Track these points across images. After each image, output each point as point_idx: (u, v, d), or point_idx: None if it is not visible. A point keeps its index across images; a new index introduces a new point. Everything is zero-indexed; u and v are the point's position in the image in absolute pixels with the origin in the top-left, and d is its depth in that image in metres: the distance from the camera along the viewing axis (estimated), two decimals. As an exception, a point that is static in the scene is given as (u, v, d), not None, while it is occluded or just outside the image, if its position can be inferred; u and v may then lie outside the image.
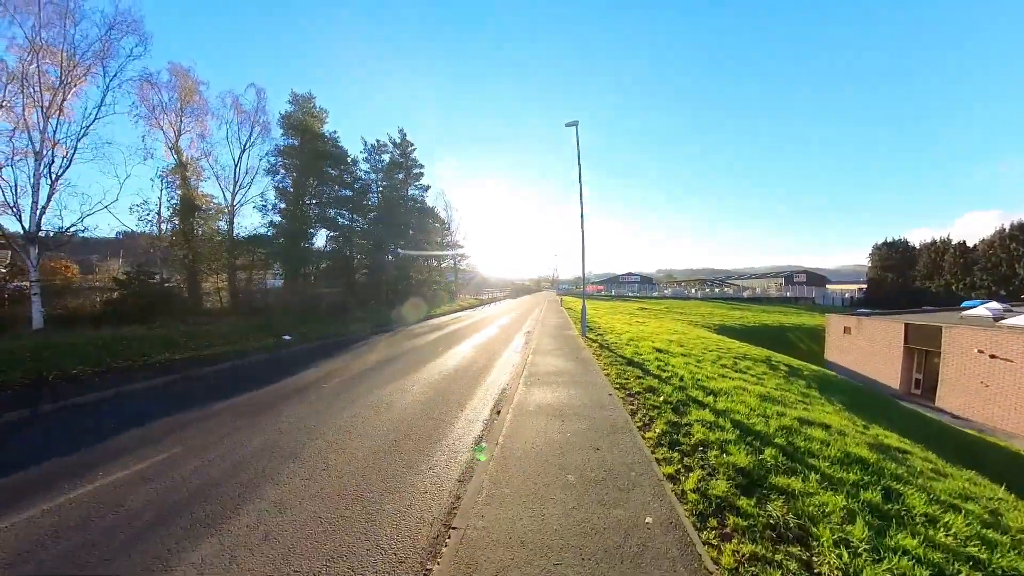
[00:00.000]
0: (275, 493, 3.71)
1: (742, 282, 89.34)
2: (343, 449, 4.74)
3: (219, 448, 4.74)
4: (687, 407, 5.73)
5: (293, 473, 4.09)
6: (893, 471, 4.57)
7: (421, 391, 7.33)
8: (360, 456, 4.55)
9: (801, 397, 8.04)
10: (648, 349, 10.27)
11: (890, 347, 20.20)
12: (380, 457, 4.53)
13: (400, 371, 9.01)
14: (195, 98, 21.55)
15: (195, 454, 4.57)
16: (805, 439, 4.99)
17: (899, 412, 12.46)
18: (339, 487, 3.83)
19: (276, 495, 3.67)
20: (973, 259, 51.23)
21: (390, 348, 12.65)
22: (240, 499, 3.60)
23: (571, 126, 14.05)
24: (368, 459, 4.47)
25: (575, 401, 6.20)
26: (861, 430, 6.39)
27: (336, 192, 27.67)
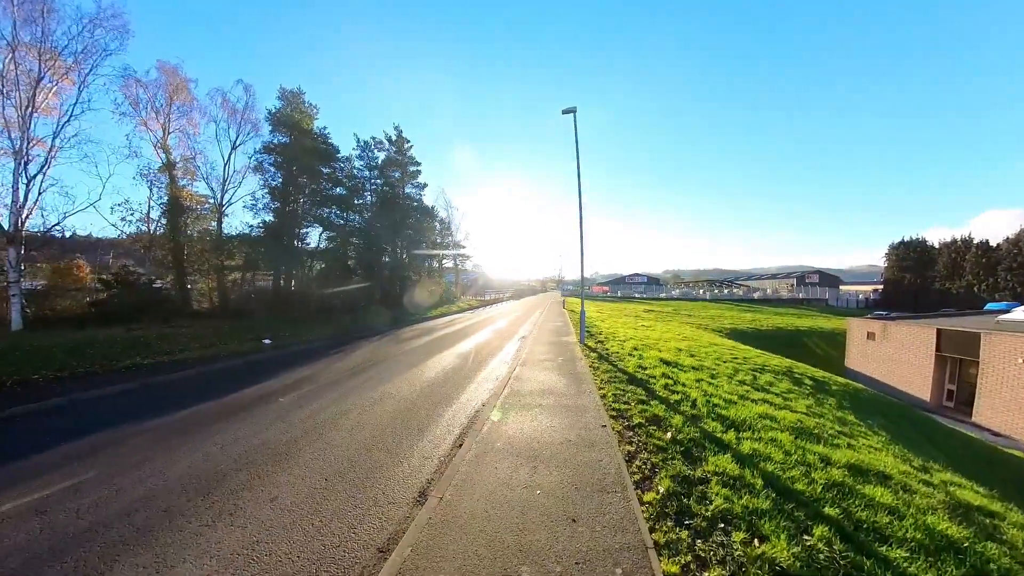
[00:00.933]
0: (162, 545, 3.12)
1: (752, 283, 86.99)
2: (265, 485, 4.00)
3: (133, 475, 4.20)
4: (702, 450, 4.39)
5: (194, 516, 3.48)
6: (995, 557, 3.23)
7: (384, 410, 6.32)
8: (282, 499, 3.75)
9: (838, 425, 6.65)
10: (654, 361, 8.89)
11: (920, 355, 18.59)
12: (302, 504, 3.68)
13: (370, 382, 8.13)
14: (184, 96, 20.89)
15: (105, 482, 4.04)
16: (864, 504, 3.64)
17: (942, 434, 10.96)
18: (234, 545, 3.09)
19: (160, 551, 3.06)
20: (996, 259, 49.26)
21: (371, 354, 11.65)
22: (122, 549, 3.07)
23: (568, 113, 12.79)
24: (289, 505, 3.66)
25: (556, 435, 4.89)
26: (924, 478, 5.00)
27: (328, 190, 26.70)
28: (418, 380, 8.21)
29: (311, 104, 26.01)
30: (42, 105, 15.84)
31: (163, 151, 19.96)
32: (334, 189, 27.22)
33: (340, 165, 27.69)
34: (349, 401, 6.79)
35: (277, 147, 23.46)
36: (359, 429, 5.48)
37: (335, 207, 27.18)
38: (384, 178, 31.80)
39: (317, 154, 25.00)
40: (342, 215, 28.05)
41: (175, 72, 20.53)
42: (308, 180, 25.12)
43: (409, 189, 34.19)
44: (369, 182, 30.81)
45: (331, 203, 26.77)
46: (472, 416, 5.97)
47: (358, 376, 8.70)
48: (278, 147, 23.48)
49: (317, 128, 25.99)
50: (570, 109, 12.73)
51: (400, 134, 33.18)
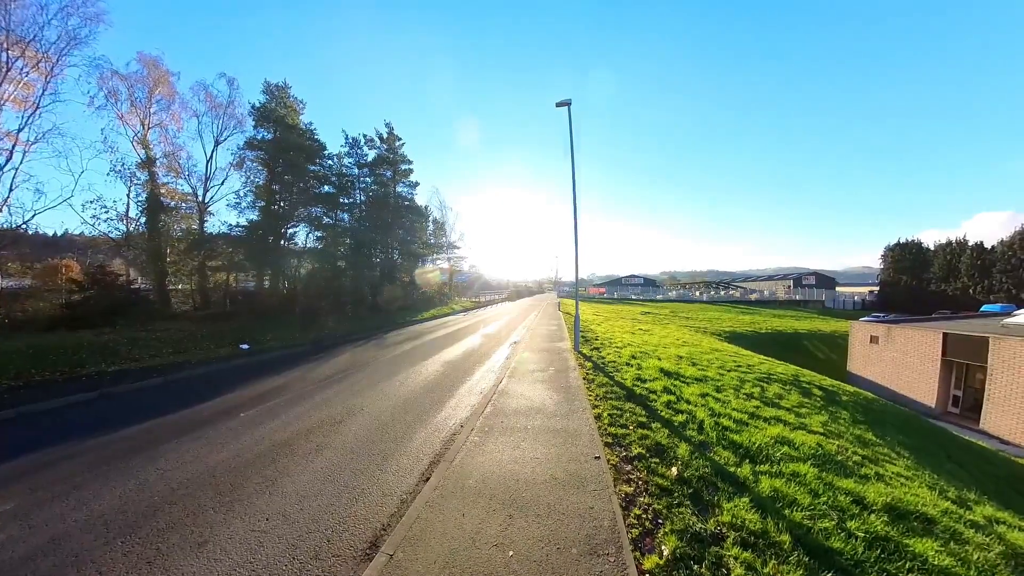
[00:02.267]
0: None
1: (749, 284, 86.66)
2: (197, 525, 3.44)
3: (54, 508, 3.69)
4: (714, 491, 3.64)
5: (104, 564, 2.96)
6: None
7: (350, 430, 5.60)
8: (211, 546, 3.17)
9: (859, 447, 5.94)
10: (654, 371, 8.15)
11: (925, 359, 18.02)
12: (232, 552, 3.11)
13: (343, 395, 7.43)
14: (165, 89, 20.08)
15: (20, 517, 3.54)
16: (916, 568, 2.93)
17: (959, 447, 10.31)
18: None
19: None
20: (991, 261, 49.49)
21: (352, 361, 10.92)
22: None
23: (562, 106, 12.05)
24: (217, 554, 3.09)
25: (541, 470, 4.13)
26: (968, 516, 4.28)
27: (316, 188, 25.83)
28: (395, 393, 7.47)
29: (297, 99, 25.24)
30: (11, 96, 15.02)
31: (142, 147, 19.11)
32: (322, 187, 26.39)
33: (328, 162, 26.92)
34: (315, 417, 6.12)
35: (262, 143, 22.61)
36: (317, 454, 4.78)
37: (323, 206, 26.35)
38: (374, 176, 30.99)
39: (304, 151, 24.19)
40: (330, 214, 27.24)
41: (156, 64, 19.71)
42: (294, 178, 24.27)
43: (401, 188, 33.36)
44: (359, 180, 29.98)
45: (319, 202, 25.94)
46: (447, 440, 5.20)
47: (332, 387, 8.02)
48: (263, 143, 22.63)
49: (304, 124, 25.24)
50: (564, 102, 12.00)
51: (391, 131, 32.38)
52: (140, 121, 19.15)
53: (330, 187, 26.82)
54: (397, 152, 32.58)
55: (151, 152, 19.34)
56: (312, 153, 24.89)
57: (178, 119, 20.63)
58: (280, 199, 24.15)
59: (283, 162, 23.27)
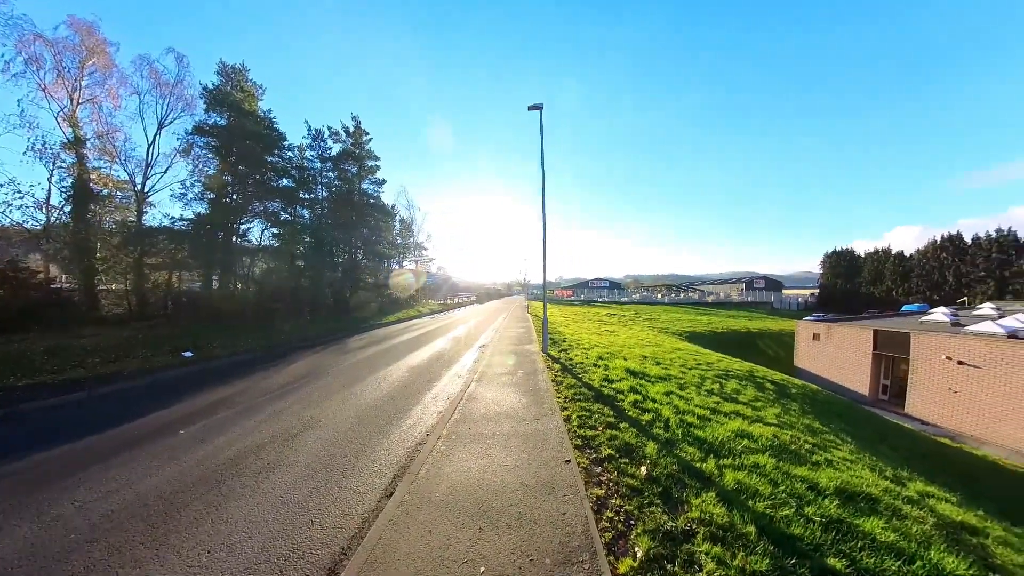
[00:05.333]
0: None
1: (706, 287, 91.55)
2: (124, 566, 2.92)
3: None
4: (682, 488, 3.68)
5: None
6: None
7: (305, 444, 5.16)
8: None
9: (809, 436, 6.31)
10: (620, 371, 8.29)
11: (859, 353, 19.74)
12: None
13: (300, 404, 6.90)
14: (101, 60, 17.60)
15: None
16: (867, 547, 3.11)
17: (891, 431, 11.30)
18: None
19: None
20: (909, 267, 56.72)
21: (310, 367, 10.26)
22: None
23: (534, 110, 12.07)
24: None
25: (511, 477, 4.00)
26: (905, 494, 4.64)
27: (273, 182, 24.08)
28: (356, 402, 7.05)
29: (256, 83, 23.34)
30: None
31: (69, 124, 16.64)
32: (280, 180, 24.66)
33: (288, 154, 25.18)
34: (266, 431, 5.61)
35: (213, 129, 20.71)
36: (269, 474, 4.35)
37: (281, 200, 24.64)
38: (338, 172, 29.56)
39: (261, 140, 22.44)
40: (289, 210, 25.52)
41: (90, 31, 17.29)
42: (250, 169, 22.40)
43: (366, 185, 32.13)
44: (321, 175, 28.46)
45: (276, 196, 24.20)
46: (412, 451, 4.94)
47: (288, 396, 7.44)
48: (214, 129, 20.73)
49: (262, 111, 23.45)
50: (536, 105, 12.01)
51: (358, 126, 31.15)
52: (68, 95, 16.76)
53: (289, 180, 25.19)
54: (363, 147, 31.39)
55: (80, 131, 16.97)
56: (271, 143, 23.23)
57: (115, 96, 18.23)
58: (233, 191, 22.19)
59: (237, 151, 21.41)
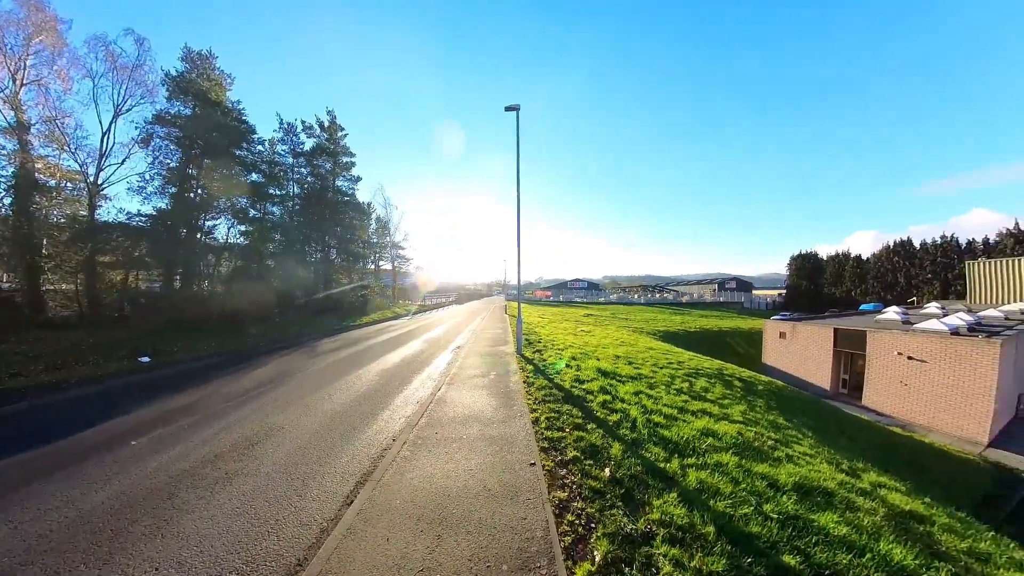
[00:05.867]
0: None
1: (680, 288, 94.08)
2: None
3: None
4: (645, 489, 3.68)
5: None
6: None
7: (267, 453, 4.93)
8: None
9: (772, 431, 6.50)
10: (592, 372, 8.32)
11: (821, 350, 20.67)
12: None
13: (263, 411, 6.61)
14: (50, 38, 16.13)
15: None
16: (821, 541, 3.18)
17: (849, 423, 11.86)
18: None
19: None
20: (866, 270, 61.00)
21: (277, 371, 9.83)
22: None
23: (511, 110, 11.99)
24: None
25: (474, 482, 3.91)
26: (859, 485, 4.82)
27: (241, 176, 22.90)
28: (323, 407, 6.78)
29: (224, 72, 22.09)
30: None
31: (11, 107, 15.22)
32: (249, 175, 23.53)
33: (258, 148, 24.17)
34: (226, 440, 5.33)
35: (176, 119, 19.51)
36: (226, 484, 4.12)
37: (250, 196, 23.49)
38: (312, 167, 28.62)
39: (229, 132, 21.34)
40: (258, 206, 24.41)
41: (38, 6, 15.83)
42: (216, 162, 21.21)
43: (341, 182, 31.21)
44: (293, 171, 27.50)
45: (245, 191, 23.05)
46: (376, 457, 4.77)
47: (250, 403, 7.09)
48: (177, 119, 19.54)
49: (230, 101, 22.27)
50: (513, 106, 11.93)
51: (333, 120, 30.20)
52: (11, 74, 15.30)
53: (259, 176, 24.14)
54: (339, 143, 30.47)
55: (24, 115, 15.61)
56: (239, 135, 22.17)
57: (66, 78, 16.78)
58: (197, 186, 20.98)
59: (203, 143, 20.32)
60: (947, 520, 4.56)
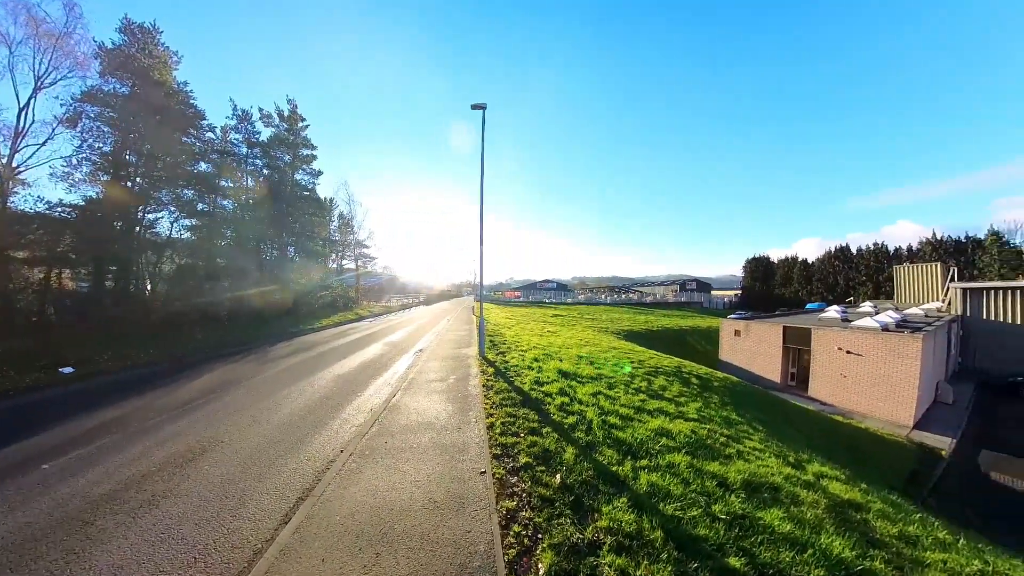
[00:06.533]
0: None
1: (645, 289, 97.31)
2: None
3: None
4: (595, 494, 3.62)
5: None
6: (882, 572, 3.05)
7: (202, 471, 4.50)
8: None
9: (725, 428, 6.70)
10: (553, 373, 8.28)
11: (772, 347, 21.92)
12: None
13: (201, 424, 6.08)
14: None
15: None
16: (766, 540, 3.23)
17: (795, 414, 12.59)
18: None
19: None
20: (811, 272, 66.42)
21: (221, 380, 9.09)
22: None
23: (478, 109, 11.76)
24: None
25: (420, 494, 3.70)
26: (804, 478, 5.01)
27: (188, 165, 21.02)
28: (269, 418, 6.30)
29: (170, 49, 20.10)
30: None
31: None
32: (197, 165, 21.69)
33: (208, 135, 22.27)
34: (157, 458, 4.84)
35: (111, 97, 17.48)
36: (152, 507, 3.71)
37: (198, 188, 21.60)
38: (268, 159, 26.87)
39: (173, 116, 19.47)
40: (207, 199, 22.49)
41: None
42: (158, 149, 19.25)
43: (301, 176, 29.59)
44: (248, 161, 25.64)
45: (192, 182, 21.19)
46: (320, 471, 4.43)
47: (189, 415, 6.49)
48: (113, 98, 17.53)
49: (177, 82, 20.33)
50: (479, 105, 11.71)
51: (294, 110, 28.55)
52: None
53: (209, 165, 22.29)
54: (299, 134, 28.84)
55: None
56: (186, 120, 20.33)
57: None
58: (136, 174, 18.97)
59: (143, 127, 18.34)
60: (881, 506, 4.82)
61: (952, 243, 49.04)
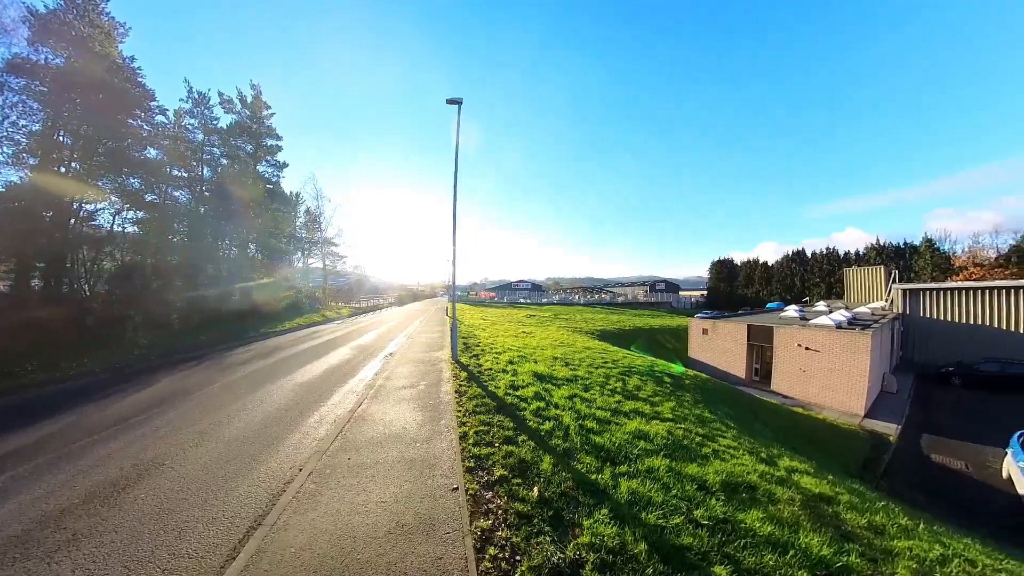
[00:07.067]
0: None
1: (617, 289, 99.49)
2: None
3: None
4: (575, 507, 3.44)
5: None
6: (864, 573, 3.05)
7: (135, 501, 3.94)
8: None
9: (699, 426, 6.75)
10: (528, 376, 8.09)
11: (737, 344, 22.81)
12: None
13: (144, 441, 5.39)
14: None
15: None
16: (749, 545, 3.17)
17: (763, 408, 13.08)
18: None
19: None
20: (771, 274, 71.16)
21: (168, 392, 8.19)
22: None
23: (453, 104, 11.27)
24: None
25: (385, 517, 3.37)
26: (777, 474, 5.07)
27: (134, 151, 18.90)
28: (220, 434, 5.69)
29: (115, 19, 17.95)
30: None
31: None
32: (145, 151, 19.58)
33: (158, 118, 20.06)
34: (82, 488, 4.20)
35: (42, 69, 15.41)
36: (70, 550, 3.17)
37: (145, 177, 19.47)
38: (228, 148, 24.89)
39: (117, 93, 17.41)
40: (157, 189, 20.47)
41: None
42: (98, 131, 17.26)
43: (264, 168, 27.75)
44: (205, 150, 23.64)
45: (139, 170, 19.03)
46: (275, 494, 3.99)
47: (125, 434, 5.75)
48: (43, 69, 15.45)
49: (123, 56, 18.15)
50: (455, 100, 11.21)
51: (258, 96, 26.65)
52: None
53: (159, 152, 20.23)
54: (263, 122, 27.00)
55: None
56: (132, 100, 18.19)
57: None
58: (72, 159, 16.89)
59: (81, 105, 16.38)
60: (848, 497, 4.94)
61: (893, 249, 54.20)
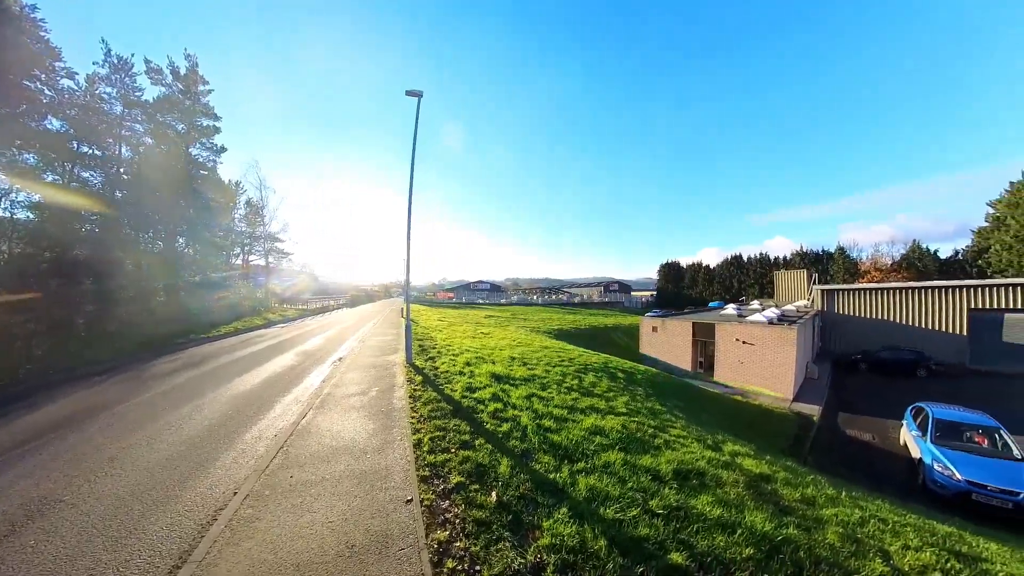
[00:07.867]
0: None
1: (573, 290, 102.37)
2: None
3: None
4: (534, 509, 3.40)
5: None
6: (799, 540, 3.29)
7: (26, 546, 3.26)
8: None
9: (651, 418, 7.03)
10: (485, 378, 7.98)
11: (684, 340, 24.35)
12: None
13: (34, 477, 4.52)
14: None
15: None
16: (701, 529, 3.31)
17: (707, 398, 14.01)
18: None
19: None
20: (713, 276, 78.84)
21: (72, 412, 7.02)
22: None
23: (413, 96, 10.73)
24: None
25: (332, 539, 3.10)
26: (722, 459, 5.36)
27: (33, 122, 15.97)
28: (135, 460, 4.93)
29: None
30: None
31: None
32: (45, 120, 16.65)
33: (65, 82, 17.08)
34: None
35: None
36: None
37: (46, 153, 16.62)
38: (154, 125, 21.76)
39: (9, 48, 14.51)
40: (61, 169, 17.54)
41: None
42: None
43: (197, 151, 24.60)
44: (125, 125, 20.32)
45: (36, 143, 16.15)
46: (205, 524, 3.53)
47: (16, 464, 4.85)
48: None
49: (20, 4, 15.20)
50: (415, 92, 10.67)
51: (194, 67, 23.58)
52: None
53: (63, 123, 17.22)
54: (199, 99, 23.93)
55: None
56: (30, 58, 15.33)
57: None
58: None
59: None
60: (784, 474, 5.36)
61: (814, 255, 62.91)
